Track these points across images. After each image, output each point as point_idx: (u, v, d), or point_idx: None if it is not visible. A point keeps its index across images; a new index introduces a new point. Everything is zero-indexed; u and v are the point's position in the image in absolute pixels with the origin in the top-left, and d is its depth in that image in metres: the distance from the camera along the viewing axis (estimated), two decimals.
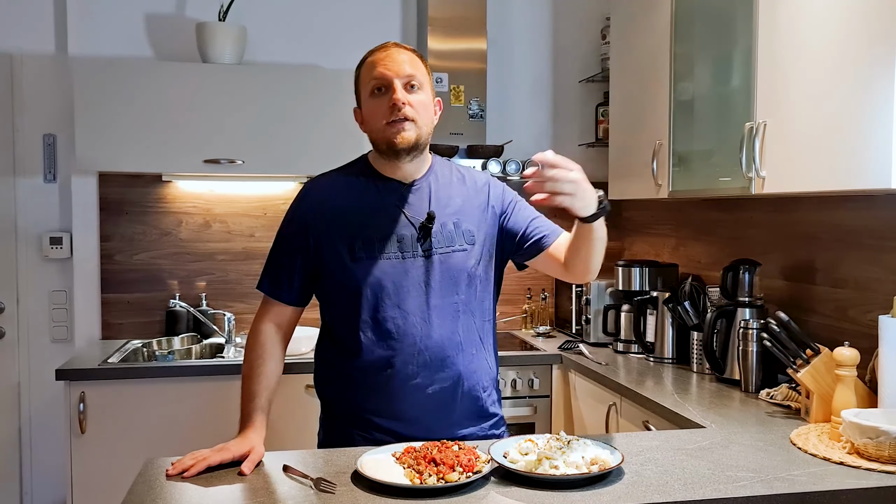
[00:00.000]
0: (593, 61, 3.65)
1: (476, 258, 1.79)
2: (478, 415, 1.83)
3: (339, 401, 1.81)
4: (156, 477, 1.52)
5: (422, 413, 1.75)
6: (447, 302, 1.75)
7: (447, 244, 1.76)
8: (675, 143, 2.65)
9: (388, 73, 1.68)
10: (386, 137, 1.70)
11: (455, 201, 1.80)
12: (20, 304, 3.27)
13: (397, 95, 1.67)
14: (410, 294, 1.72)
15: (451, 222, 1.78)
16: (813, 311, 2.43)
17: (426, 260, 1.74)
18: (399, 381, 1.73)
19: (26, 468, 3.28)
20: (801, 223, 2.49)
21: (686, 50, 2.62)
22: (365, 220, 1.74)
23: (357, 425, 1.77)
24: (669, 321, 2.82)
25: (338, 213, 1.74)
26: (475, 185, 1.85)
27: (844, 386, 1.84)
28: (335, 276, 1.74)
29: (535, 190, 1.51)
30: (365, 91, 1.73)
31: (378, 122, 1.70)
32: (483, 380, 1.82)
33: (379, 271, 1.71)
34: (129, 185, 3.30)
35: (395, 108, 1.67)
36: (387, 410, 1.75)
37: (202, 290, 3.36)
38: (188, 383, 2.78)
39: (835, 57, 1.91)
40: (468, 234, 1.79)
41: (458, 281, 1.76)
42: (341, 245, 1.72)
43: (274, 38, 3.37)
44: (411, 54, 1.74)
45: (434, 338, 1.73)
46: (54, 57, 3.24)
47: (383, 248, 1.72)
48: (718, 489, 1.48)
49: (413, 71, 1.70)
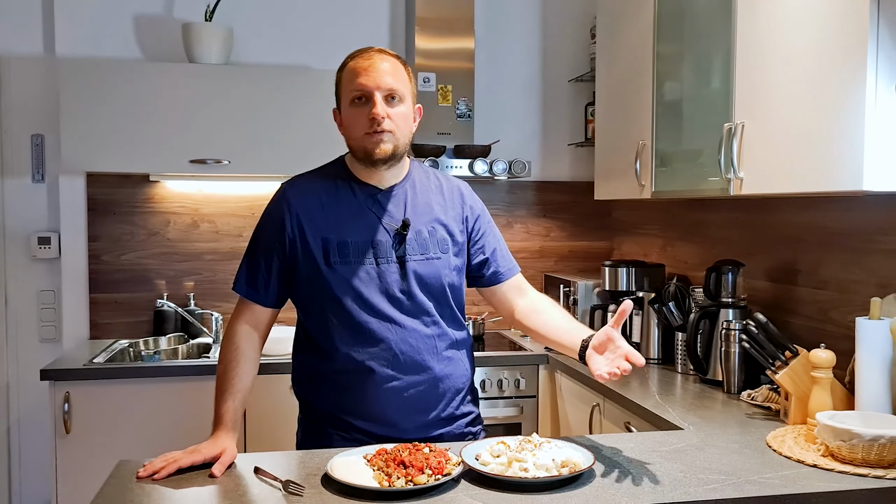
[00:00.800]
0: (583, 61, 3.65)
1: (449, 267, 1.81)
2: (454, 415, 1.84)
3: (318, 402, 1.82)
4: (127, 478, 1.52)
5: (399, 415, 1.76)
6: (421, 309, 1.76)
7: (422, 251, 1.77)
8: (657, 144, 2.65)
9: (370, 84, 1.68)
10: (363, 147, 1.71)
11: (431, 209, 1.82)
12: (9, 303, 3.28)
13: (377, 110, 1.68)
14: (385, 300, 1.73)
15: (427, 230, 1.79)
16: (795, 313, 2.42)
17: (400, 267, 1.74)
18: (375, 384, 1.73)
19: (15, 467, 3.29)
20: (784, 225, 2.49)
21: (669, 50, 2.62)
22: (341, 224, 1.74)
23: (336, 426, 1.78)
24: (655, 322, 2.82)
25: (314, 217, 1.74)
26: (451, 195, 1.87)
27: (820, 388, 1.83)
28: (310, 280, 1.74)
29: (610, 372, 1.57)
30: (346, 98, 1.73)
31: (357, 132, 1.71)
32: (458, 382, 1.84)
33: (354, 277, 1.72)
34: (117, 185, 3.30)
35: (375, 122, 1.68)
36: (364, 412, 1.76)
37: (190, 289, 3.36)
38: (173, 383, 2.78)
39: (811, 59, 1.91)
40: (442, 243, 1.81)
41: (432, 288, 1.78)
42: (316, 249, 1.72)
43: (261, 39, 3.37)
44: (394, 63, 1.73)
45: (410, 342, 1.74)
46: (42, 58, 3.24)
47: (358, 254, 1.73)
48: (688, 492, 1.48)
49: (394, 84, 1.70)
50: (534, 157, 3.65)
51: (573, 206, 3.72)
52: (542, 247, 3.72)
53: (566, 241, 3.74)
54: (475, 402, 1.92)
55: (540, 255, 3.72)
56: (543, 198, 3.71)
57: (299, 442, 1.87)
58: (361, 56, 1.73)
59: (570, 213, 3.73)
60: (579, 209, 3.72)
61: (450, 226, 1.83)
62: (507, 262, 1.93)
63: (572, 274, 3.52)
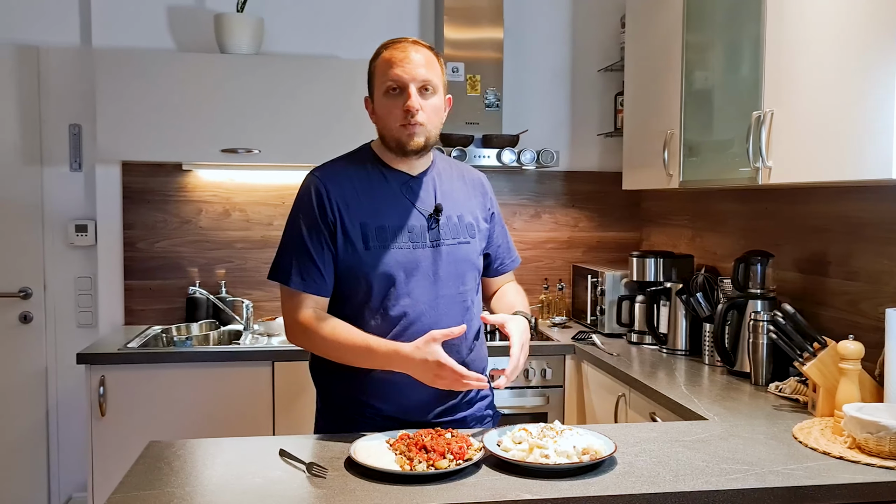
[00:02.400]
0: (613, 50, 3.62)
1: (476, 251, 1.86)
2: (474, 398, 1.87)
3: (342, 388, 1.83)
4: (156, 459, 1.56)
5: (426, 398, 1.77)
6: (454, 292, 1.80)
7: (453, 236, 1.81)
8: (685, 133, 2.63)
9: (405, 76, 1.70)
10: (397, 138, 1.73)
11: (457, 196, 1.86)
12: (47, 289, 3.36)
13: (412, 102, 1.69)
14: (420, 283, 1.75)
15: (456, 215, 1.83)
16: (825, 304, 2.39)
17: (434, 250, 1.77)
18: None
19: (53, 449, 3.38)
20: (814, 215, 2.45)
21: (698, 39, 2.59)
22: (376, 209, 1.76)
23: (361, 412, 1.79)
24: (682, 313, 2.80)
25: (351, 202, 1.75)
26: (473, 183, 1.93)
27: (848, 380, 1.81)
28: (348, 264, 1.74)
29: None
30: (379, 88, 1.74)
31: (391, 122, 1.73)
32: (480, 366, 1.87)
33: (391, 260, 1.74)
34: (151, 174, 3.36)
35: (409, 114, 1.70)
36: (393, 397, 1.77)
37: (221, 277, 3.42)
38: (204, 368, 2.83)
39: (840, 46, 1.88)
40: (470, 228, 1.85)
41: (464, 272, 1.82)
42: (355, 234, 1.73)
43: (291, 29, 3.40)
44: (428, 54, 1.75)
45: (442, 325, 1.74)
46: (79, 49, 3.32)
47: (395, 238, 1.75)
48: (710, 482, 1.47)
49: (429, 75, 1.72)
50: (563, 147, 3.63)
51: (602, 197, 3.71)
52: (571, 237, 3.71)
53: (595, 231, 3.73)
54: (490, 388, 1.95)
55: (568, 246, 3.71)
56: (572, 188, 3.70)
57: (318, 430, 1.88)
58: (396, 47, 1.74)
59: (598, 203, 3.72)
60: (608, 199, 3.70)
61: (475, 212, 1.88)
62: (510, 255, 2.01)
63: (600, 264, 3.51)
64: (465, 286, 1.81)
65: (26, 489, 3.34)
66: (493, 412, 1.95)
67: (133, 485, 1.43)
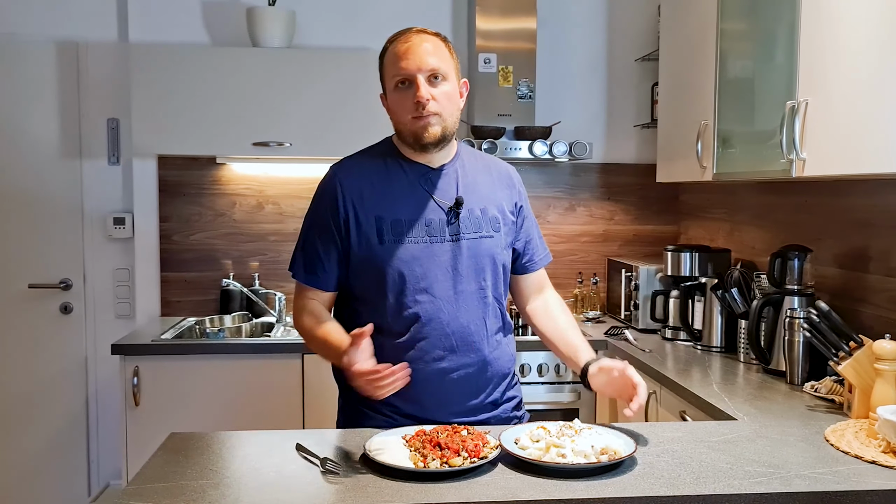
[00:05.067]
0: (650, 39, 3.54)
1: (501, 246, 1.81)
2: (499, 400, 1.83)
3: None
4: (174, 451, 1.57)
5: (446, 397, 1.75)
6: (474, 287, 1.75)
7: (475, 230, 1.76)
8: (720, 124, 2.55)
9: (411, 67, 1.67)
10: (412, 131, 1.70)
11: (481, 188, 1.80)
12: (87, 281, 3.44)
13: (421, 93, 1.66)
14: (438, 279, 1.72)
15: (479, 209, 1.78)
16: (866, 301, 2.30)
17: (454, 244, 1.73)
18: (424, 365, 1.72)
19: (93, 437, 3.46)
20: (855, 208, 2.36)
21: (732, 27, 2.51)
22: (393, 203, 1.73)
23: (380, 410, 1.77)
24: (718, 309, 2.73)
25: (366, 196, 1.73)
26: (500, 175, 1.87)
27: (884, 381, 1.74)
28: (364, 259, 1.73)
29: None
30: (389, 82, 1.72)
31: (404, 116, 1.70)
32: (506, 365, 1.83)
33: (407, 255, 1.71)
34: (186, 167, 3.41)
35: (420, 106, 1.66)
36: (411, 394, 1.73)
37: (255, 269, 3.45)
38: (236, 360, 2.86)
39: (878, 32, 1.79)
40: (494, 222, 1.80)
41: (485, 267, 1.77)
42: (370, 228, 1.72)
43: (322, 22, 3.40)
44: (434, 41, 1.71)
45: (461, 322, 1.73)
46: (116, 44, 3.37)
47: (411, 232, 1.72)
48: (732, 485, 1.43)
49: (436, 62, 1.68)
50: (598, 138, 3.57)
51: (638, 189, 3.63)
52: (606, 230, 3.65)
53: (631, 224, 3.66)
54: (517, 386, 1.91)
55: (603, 239, 3.65)
56: (608, 180, 3.64)
57: (339, 426, 1.87)
58: (400, 39, 1.71)
59: (635, 196, 3.65)
60: (645, 192, 3.63)
61: (500, 205, 1.82)
62: (539, 252, 1.93)
63: (636, 258, 3.44)
64: (485, 282, 1.77)
65: (67, 476, 3.43)
66: (521, 413, 1.89)
67: (148, 477, 1.44)
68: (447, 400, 1.75)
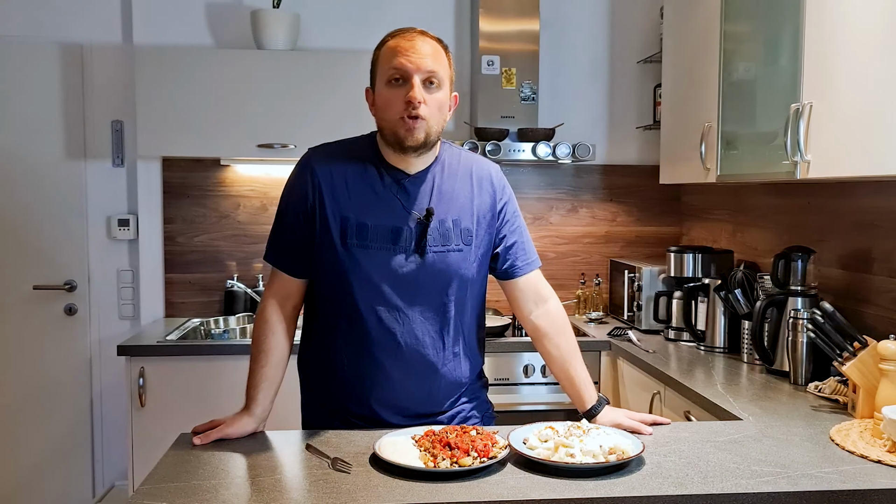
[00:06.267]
0: (653, 41, 3.55)
1: (469, 259, 1.74)
2: (452, 413, 1.80)
3: (318, 383, 1.81)
4: (185, 451, 1.59)
5: (392, 403, 1.74)
6: (434, 300, 1.71)
7: (443, 243, 1.70)
8: (723, 126, 2.57)
9: (410, 65, 1.61)
10: (395, 131, 1.63)
11: (458, 197, 1.73)
12: (91, 282, 3.44)
13: (414, 93, 1.60)
14: (397, 289, 1.68)
15: (451, 219, 1.71)
16: (869, 302, 2.32)
17: (419, 257, 1.68)
18: (377, 372, 1.71)
19: (97, 438, 3.47)
20: (858, 210, 2.38)
21: (736, 29, 2.53)
22: (363, 206, 1.67)
23: (334, 409, 1.78)
24: (721, 310, 2.74)
25: (337, 193, 1.68)
26: (481, 182, 1.77)
27: (888, 381, 1.75)
28: (323, 258, 1.69)
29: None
30: (381, 77, 1.65)
31: (390, 114, 1.63)
32: (461, 377, 1.79)
33: (368, 261, 1.67)
34: (190, 169, 3.42)
35: (411, 106, 1.60)
36: (362, 400, 1.74)
37: (259, 271, 3.46)
38: (240, 361, 2.84)
39: (882, 34, 1.81)
40: (465, 234, 1.73)
41: (450, 281, 1.72)
42: (335, 226, 1.66)
43: (326, 24, 3.42)
44: (436, 46, 1.66)
45: (416, 335, 1.70)
46: (120, 46, 3.38)
47: (377, 239, 1.67)
48: (739, 484, 1.44)
49: (435, 67, 1.63)
50: (600, 140, 3.59)
51: (641, 191, 3.65)
52: (609, 232, 3.66)
53: (633, 226, 3.68)
54: (478, 391, 1.88)
55: (606, 241, 3.66)
56: (610, 182, 3.65)
57: (303, 422, 1.87)
58: (402, 35, 1.65)
59: (637, 197, 3.66)
60: (647, 193, 3.64)
61: (476, 214, 1.74)
62: (525, 257, 1.82)
63: (639, 260, 3.45)
64: (447, 296, 1.72)
65: (72, 476, 3.44)
66: (481, 415, 1.86)
67: (161, 476, 1.46)
68: (395, 405, 1.74)
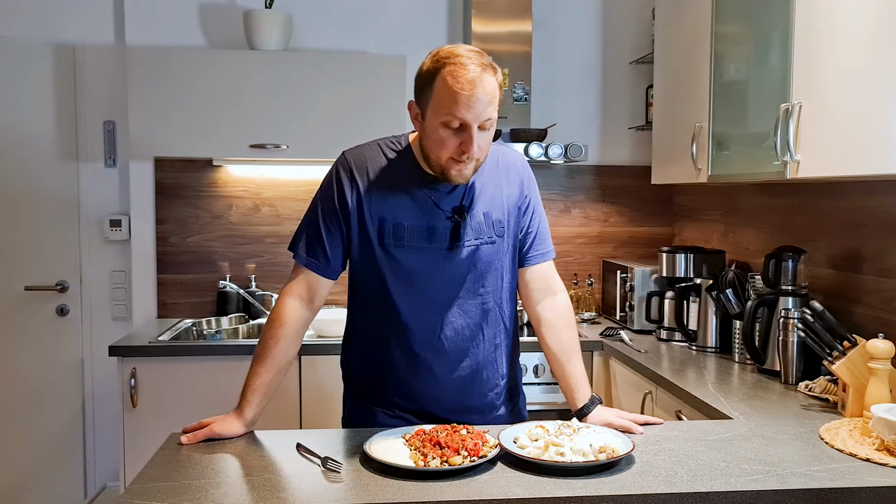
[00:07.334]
0: (645, 42, 3.56)
1: (504, 250, 1.79)
2: (494, 404, 1.85)
3: (362, 379, 1.85)
4: (175, 451, 1.59)
5: (441, 397, 1.78)
6: (472, 294, 1.76)
7: (476, 237, 1.74)
8: (714, 126, 2.58)
9: (469, 117, 1.56)
10: (444, 169, 1.64)
11: (488, 191, 1.77)
12: (83, 283, 3.44)
13: (472, 145, 1.59)
14: (436, 285, 1.73)
15: (482, 213, 1.75)
16: (859, 302, 2.33)
17: (455, 252, 1.72)
18: (419, 366, 1.76)
19: (89, 439, 3.46)
20: (849, 210, 2.39)
21: (726, 29, 2.54)
22: (399, 206, 1.71)
23: (379, 403, 1.81)
24: (712, 310, 2.75)
25: (374, 195, 1.71)
26: (508, 172, 1.81)
27: (878, 380, 1.76)
28: (362, 259, 1.74)
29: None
30: (436, 113, 1.59)
31: (442, 153, 1.62)
32: (500, 370, 1.84)
33: (406, 260, 1.71)
34: (183, 169, 3.41)
35: (465, 154, 1.60)
36: (407, 392, 1.78)
37: (252, 271, 3.46)
38: (233, 361, 2.85)
39: (872, 35, 1.82)
40: (498, 226, 1.77)
41: (486, 274, 1.76)
42: (372, 228, 1.71)
43: (319, 25, 3.41)
44: (494, 86, 1.59)
45: (456, 328, 1.75)
46: (113, 47, 3.37)
47: (413, 238, 1.71)
48: (728, 482, 1.44)
49: (492, 112, 1.59)
50: (593, 140, 3.59)
51: (633, 191, 3.66)
52: (601, 232, 3.67)
53: (626, 226, 3.68)
54: (515, 394, 1.93)
55: (598, 241, 3.67)
56: (603, 182, 3.66)
57: (344, 419, 1.91)
58: (464, 73, 1.55)
59: (630, 198, 3.67)
60: (640, 194, 3.65)
61: (507, 206, 1.78)
62: (542, 247, 1.86)
63: (631, 260, 3.46)
64: (485, 288, 1.76)
65: (64, 477, 3.43)
66: (513, 420, 1.90)
67: (151, 476, 1.46)
68: (442, 399, 1.78)
